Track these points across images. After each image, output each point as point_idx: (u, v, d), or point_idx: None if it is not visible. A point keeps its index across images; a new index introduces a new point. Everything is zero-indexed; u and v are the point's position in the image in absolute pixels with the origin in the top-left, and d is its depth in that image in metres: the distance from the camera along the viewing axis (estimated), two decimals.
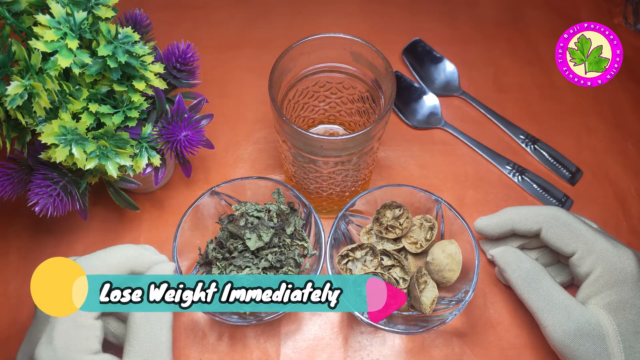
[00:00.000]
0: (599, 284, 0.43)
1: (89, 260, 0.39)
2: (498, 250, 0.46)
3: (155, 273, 0.41)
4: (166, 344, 0.38)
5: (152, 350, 0.38)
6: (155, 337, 0.38)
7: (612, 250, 0.44)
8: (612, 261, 0.43)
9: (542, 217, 0.46)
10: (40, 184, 0.44)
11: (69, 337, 0.36)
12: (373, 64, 0.46)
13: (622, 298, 0.42)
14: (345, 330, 0.49)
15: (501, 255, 0.46)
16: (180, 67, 0.49)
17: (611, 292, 0.43)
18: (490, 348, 0.48)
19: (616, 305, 0.42)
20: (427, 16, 0.68)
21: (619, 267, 0.43)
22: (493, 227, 0.48)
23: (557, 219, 0.46)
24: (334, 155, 0.44)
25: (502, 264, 0.46)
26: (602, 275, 0.43)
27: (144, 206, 0.55)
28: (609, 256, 0.43)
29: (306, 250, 0.47)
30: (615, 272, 0.43)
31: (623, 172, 0.57)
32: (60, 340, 0.36)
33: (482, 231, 0.49)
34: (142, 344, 0.38)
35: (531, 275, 0.44)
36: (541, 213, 0.47)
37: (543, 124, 0.60)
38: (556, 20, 0.67)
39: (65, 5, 0.41)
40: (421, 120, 0.60)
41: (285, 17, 0.68)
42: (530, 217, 0.47)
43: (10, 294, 0.51)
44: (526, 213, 0.47)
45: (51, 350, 0.36)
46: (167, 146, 0.47)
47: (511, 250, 0.46)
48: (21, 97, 0.38)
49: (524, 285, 0.44)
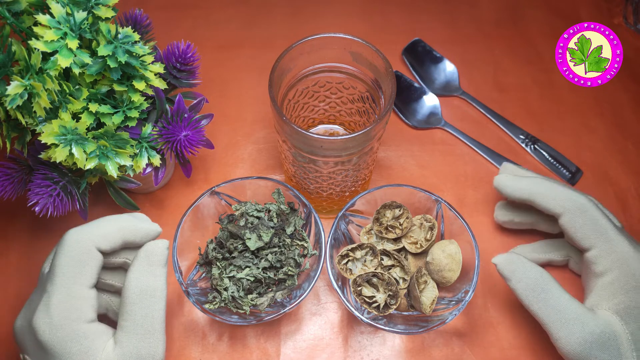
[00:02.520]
0: (614, 288, 0.42)
1: (80, 232, 0.39)
2: (501, 258, 0.44)
3: (148, 250, 0.40)
4: (159, 320, 0.39)
5: (145, 326, 0.38)
6: (149, 313, 0.38)
7: (633, 255, 0.42)
8: (632, 266, 0.42)
9: (569, 203, 0.44)
10: (40, 184, 0.44)
11: (65, 307, 0.37)
12: (373, 64, 0.46)
13: (636, 305, 0.41)
14: (345, 330, 0.49)
15: (505, 264, 0.43)
16: (180, 67, 0.49)
17: (626, 298, 0.41)
18: (490, 348, 0.48)
19: (630, 312, 0.41)
20: (427, 16, 0.68)
21: (637, 273, 0.42)
22: (516, 189, 0.47)
23: (585, 210, 0.44)
24: (334, 155, 0.44)
25: (507, 273, 0.43)
26: (619, 278, 0.42)
27: (144, 206, 0.55)
28: (628, 260, 0.42)
29: (306, 250, 0.47)
30: (632, 278, 0.42)
31: (623, 172, 0.57)
32: (56, 310, 0.37)
33: (503, 189, 0.47)
34: (136, 320, 0.38)
35: (539, 284, 0.42)
36: (570, 198, 0.45)
37: (543, 124, 0.60)
38: (556, 20, 0.67)
39: (65, 5, 0.41)
40: (421, 120, 0.60)
41: (285, 17, 0.68)
42: (558, 198, 0.45)
43: (10, 294, 0.51)
44: (555, 192, 0.45)
45: (48, 317, 0.37)
46: (167, 146, 0.47)
47: (515, 257, 0.43)
48: (21, 97, 0.38)
49: (532, 295, 0.42)
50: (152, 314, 0.38)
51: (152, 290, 0.39)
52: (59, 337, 0.37)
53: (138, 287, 0.38)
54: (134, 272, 0.39)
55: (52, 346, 0.37)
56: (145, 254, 0.40)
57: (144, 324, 0.38)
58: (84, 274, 0.38)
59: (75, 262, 0.38)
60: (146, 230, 0.41)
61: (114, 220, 0.41)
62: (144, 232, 0.41)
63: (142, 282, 0.39)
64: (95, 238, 0.39)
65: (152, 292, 0.39)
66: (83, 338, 0.37)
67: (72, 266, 0.38)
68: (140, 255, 0.40)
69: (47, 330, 0.37)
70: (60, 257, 0.38)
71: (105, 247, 0.39)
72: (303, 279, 0.47)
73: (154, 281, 0.39)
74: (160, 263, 0.40)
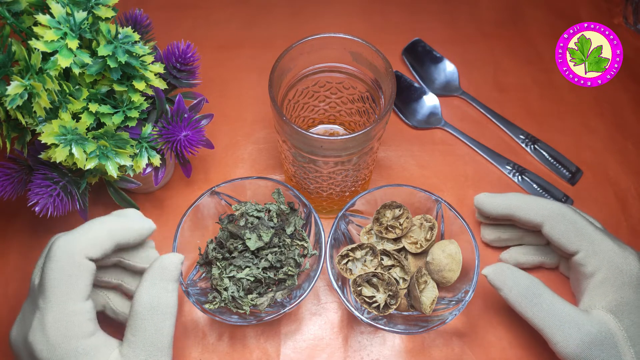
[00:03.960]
0: (605, 287, 0.43)
1: (69, 242, 0.37)
2: (491, 269, 0.43)
3: (163, 265, 0.39)
4: (169, 337, 0.38)
5: (155, 342, 0.37)
6: (159, 329, 0.37)
7: (618, 252, 0.43)
8: (618, 263, 0.43)
9: (547, 211, 0.45)
10: (40, 184, 0.44)
11: (61, 325, 0.36)
12: (373, 64, 0.46)
13: (628, 301, 0.42)
14: (345, 330, 0.49)
15: (495, 274, 0.43)
16: (180, 67, 0.49)
17: (617, 296, 0.42)
18: (490, 348, 0.48)
19: (623, 308, 0.41)
20: (427, 16, 0.68)
21: (625, 269, 0.42)
22: (495, 206, 0.47)
23: (563, 215, 0.45)
24: (334, 155, 0.44)
25: (498, 283, 0.43)
26: (608, 277, 0.43)
27: (144, 206, 0.55)
28: (615, 258, 0.43)
29: (306, 250, 0.47)
30: (621, 275, 0.42)
31: (623, 172, 0.57)
32: (52, 328, 0.36)
33: (482, 207, 0.48)
34: (145, 335, 0.37)
35: (531, 290, 0.42)
36: (547, 207, 0.45)
37: (543, 124, 0.60)
38: (556, 20, 0.67)
39: (65, 5, 0.41)
40: (421, 120, 0.60)
41: (285, 17, 0.68)
42: (535, 208, 0.46)
43: (10, 294, 0.51)
44: (532, 203, 0.46)
45: (44, 337, 0.36)
46: (167, 146, 0.47)
47: (505, 267, 0.43)
48: (21, 97, 0.38)
49: (525, 302, 0.42)
50: (162, 330, 0.37)
51: (163, 306, 0.38)
52: (58, 356, 0.35)
53: (149, 303, 0.37)
54: (146, 286, 0.38)
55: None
56: (160, 268, 0.39)
57: (153, 340, 0.37)
58: (77, 289, 0.36)
59: (67, 277, 0.36)
60: (138, 230, 0.40)
61: (102, 223, 0.39)
62: (137, 233, 0.40)
63: (153, 297, 0.38)
64: (84, 247, 0.37)
65: (164, 309, 0.38)
66: (83, 355, 0.36)
67: (63, 281, 0.36)
68: (153, 268, 0.39)
69: (45, 349, 0.36)
70: (49, 271, 0.36)
71: (96, 254, 0.38)
72: (303, 279, 0.47)
73: (166, 297, 0.38)
74: (174, 278, 0.39)
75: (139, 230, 0.40)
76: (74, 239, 0.37)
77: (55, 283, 0.36)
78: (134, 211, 0.41)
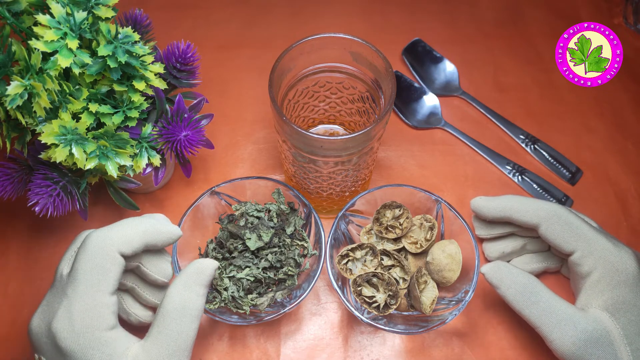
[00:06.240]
0: (601, 285, 0.43)
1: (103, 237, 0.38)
2: (488, 267, 0.44)
3: (199, 269, 0.40)
4: (192, 340, 0.38)
5: (178, 342, 0.38)
6: (185, 330, 0.38)
7: (613, 251, 0.43)
8: (613, 262, 0.43)
9: (543, 212, 0.46)
10: (40, 184, 0.44)
11: (87, 315, 0.37)
12: (373, 64, 0.46)
13: (624, 299, 0.42)
14: (345, 330, 0.49)
15: (492, 272, 0.44)
16: (180, 67, 0.49)
17: (613, 294, 0.42)
18: (490, 348, 0.48)
19: (619, 307, 0.42)
20: (427, 16, 0.68)
21: (621, 268, 0.43)
22: (491, 209, 0.48)
23: (559, 216, 0.45)
24: (334, 155, 0.44)
25: (495, 281, 0.43)
26: (604, 276, 0.43)
27: (144, 206, 0.55)
28: (610, 257, 0.43)
29: (306, 250, 0.47)
30: (616, 273, 0.43)
31: (623, 172, 0.57)
32: (79, 317, 0.37)
33: (479, 210, 0.48)
34: (171, 334, 0.38)
35: (528, 288, 0.42)
36: (542, 208, 0.46)
37: (543, 124, 0.60)
38: (556, 20, 0.67)
39: (65, 5, 0.41)
40: (421, 120, 0.60)
41: (285, 17, 0.68)
42: (531, 210, 0.46)
43: (10, 294, 0.51)
44: (528, 205, 0.46)
45: (70, 324, 0.36)
46: (167, 146, 0.47)
47: (502, 265, 0.44)
48: (21, 97, 0.38)
49: (522, 300, 0.42)
50: (188, 332, 0.38)
51: (192, 309, 0.38)
52: (81, 344, 0.36)
53: (180, 303, 0.38)
54: (179, 287, 0.39)
55: (73, 353, 0.36)
56: (196, 272, 0.39)
57: (177, 340, 0.38)
58: (107, 281, 0.37)
59: (98, 269, 0.37)
60: (168, 234, 0.41)
61: (136, 224, 0.40)
62: (166, 236, 0.41)
63: (185, 299, 0.38)
64: (118, 243, 0.38)
65: (193, 312, 0.38)
66: (105, 346, 0.37)
67: (95, 272, 0.37)
68: (189, 271, 0.40)
69: (69, 337, 0.36)
70: (82, 262, 0.37)
71: (127, 251, 0.38)
72: (303, 279, 0.47)
73: (196, 300, 0.39)
74: (206, 283, 0.40)
75: (168, 234, 0.41)
76: (109, 234, 0.38)
77: (87, 273, 0.37)
78: (163, 216, 0.42)
